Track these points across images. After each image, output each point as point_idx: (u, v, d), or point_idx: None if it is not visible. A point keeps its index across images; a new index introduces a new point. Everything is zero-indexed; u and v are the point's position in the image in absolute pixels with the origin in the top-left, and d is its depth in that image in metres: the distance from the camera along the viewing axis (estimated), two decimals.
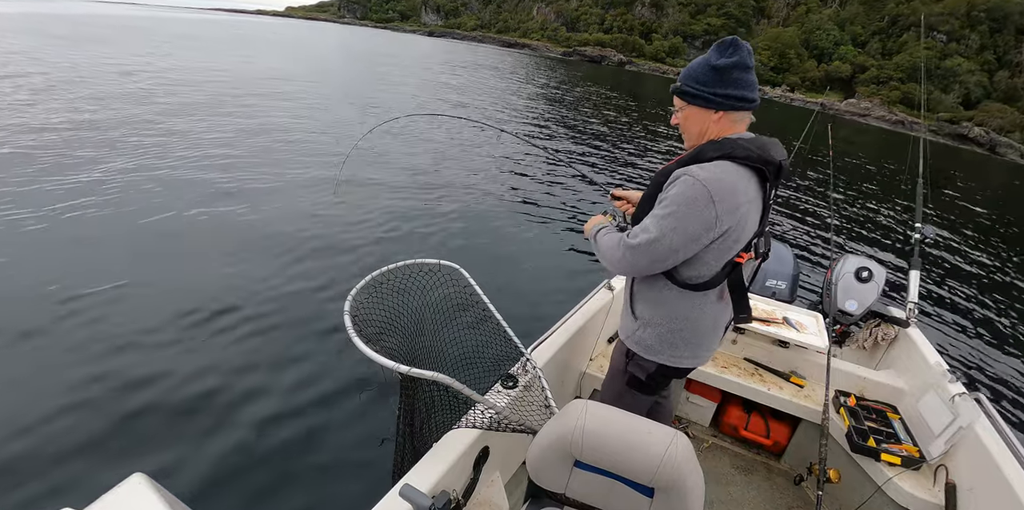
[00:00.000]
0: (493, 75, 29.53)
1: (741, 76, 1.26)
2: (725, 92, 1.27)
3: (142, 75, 14.06)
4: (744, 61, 1.26)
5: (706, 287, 1.37)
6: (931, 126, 49.39)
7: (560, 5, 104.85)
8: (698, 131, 1.36)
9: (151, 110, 9.74)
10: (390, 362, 1.20)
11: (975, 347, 5.30)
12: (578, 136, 13.59)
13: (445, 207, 6.65)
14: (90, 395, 2.83)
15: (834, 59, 71.00)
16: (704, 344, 1.50)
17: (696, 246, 1.26)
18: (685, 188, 1.22)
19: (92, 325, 3.40)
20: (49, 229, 4.59)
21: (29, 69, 12.83)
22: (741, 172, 1.25)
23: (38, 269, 3.95)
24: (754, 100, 1.30)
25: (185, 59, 19.58)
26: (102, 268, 4.07)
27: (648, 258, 1.29)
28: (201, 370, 3.13)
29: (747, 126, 1.37)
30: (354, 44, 48.90)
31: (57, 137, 7.24)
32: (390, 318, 1.53)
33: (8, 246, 4.21)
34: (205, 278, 4.18)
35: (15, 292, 3.65)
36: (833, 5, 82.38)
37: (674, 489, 1.07)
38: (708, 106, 1.31)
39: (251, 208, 5.67)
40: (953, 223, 11.23)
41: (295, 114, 11.27)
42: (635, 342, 1.54)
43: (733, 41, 1.27)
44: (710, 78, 1.28)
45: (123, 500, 1.01)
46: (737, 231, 1.27)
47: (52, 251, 4.25)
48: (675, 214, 1.23)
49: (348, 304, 1.35)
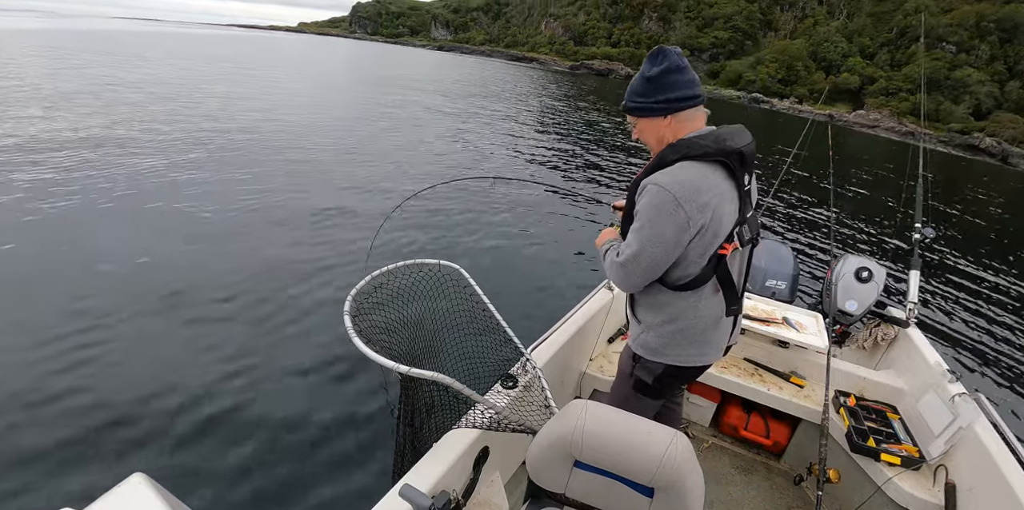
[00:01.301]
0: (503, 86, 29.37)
1: (675, 78, 1.31)
2: (664, 97, 1.32)
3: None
4: (673, 64, 1.30)
5: (696, 284, 1.38)
6: (941, 137, 48.40)
7: (568, 20, 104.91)
8: (655, 139, 1.41)
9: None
10: (390, 362, 1.21)
11: (975, 347, 5.30)
12: (585, 143, 13.60)
13: (446, 206, 6.66)
14: (90, 395, 2.84)
15: (842, 71, 69.90)
16: (710, 341, 1.50)
17: (678, 249, 1.31)
18: (651, 197, 1.27)
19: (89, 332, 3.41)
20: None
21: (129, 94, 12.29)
22: (702, 168, 1.28)
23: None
24: (696, 96, 1.34)
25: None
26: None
27: (639, 271, 1.35)
28: (200, 370, 3.13)
29: (704, 120, 1.39)
30: (363, 60, 47.48)
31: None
32: (390, 318, 1.53)
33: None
34: (204, 279, 4.19)
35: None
36: (841, 17, 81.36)
37: (674, 489, 1.07)
38: (655, 114, 1.36)
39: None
40: (956, 226, 11.23)
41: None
42: (640, 345, 1.55)
43: (659, 49, 1.32)
44: (647, 89, 1.34)
45: (123, 500, 1.01)
46: (713, 226, 1.30)
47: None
48: (648, 224, 1.28)
49: (348, 304, 1.35)
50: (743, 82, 73.89)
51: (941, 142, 48.02)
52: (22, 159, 6.40)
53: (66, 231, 4.65)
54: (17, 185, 5.55)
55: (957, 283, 7.24)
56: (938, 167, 25.38)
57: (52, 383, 2.88)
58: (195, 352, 3.29)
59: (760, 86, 71.22)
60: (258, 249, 4.80)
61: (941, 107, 54.89)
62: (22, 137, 7.37)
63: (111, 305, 3.65)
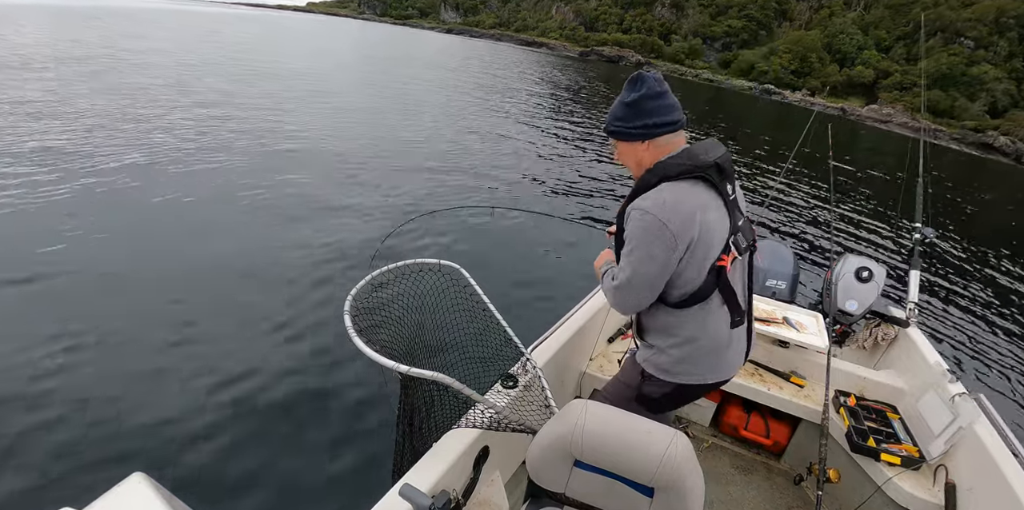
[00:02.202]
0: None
1: (653, 105, 1.34)
2: (643, 123, 1.35)
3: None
4: (651, 91, 1.33)
5: (699, 298, 1.39)
6: (954, 134, 47.42)
7: (579, 4, 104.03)
8: (634, 162, 1.44)
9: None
10: (390, 362, 1.21)
11: (975, 347, 5.30)
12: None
13: (447, 206, 6.66)
14: (89, 394, 2.84)
15: (857, 64, 68.82)
16: (722, 358, 1.49)
17: (669, 267, 1.32)
18: (636, 222, 1.32)
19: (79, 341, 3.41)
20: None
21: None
22: (683, 186, 1.31)
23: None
24: (675, 122, 1.36)
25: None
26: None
27: (634, 294, 1.37)
28: (200, 371, 3.13)
29: (683, 144, 1.40)
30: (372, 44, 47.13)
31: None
32: (390, 318, 1.53)
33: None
34: (204, 276, 4.18)
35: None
36: (857, 9, 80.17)
37: (674, 489, 1.07)
38: (633, 139, 1.39)
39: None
40: (963, 225, 11.22)
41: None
42: (653, 365, 1.52)
43: (637, 76, 1.35)
44: (626, 113, 1.37)
45: (123, 500, 1.01)
46: (704, 241, 1.32)
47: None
48: (637, 248, 1.32)
49: (348, 304, 1.35)
50: (755, 73, 72.39)
51: (954, 140, 47.09)
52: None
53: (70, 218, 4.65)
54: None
55: (958, 283, 7.24)
56: (949, 165, 25.16)
57: (52, 383, 2.88)
58: (194, 352, 3.29)
59: (772, 77, 69.65)
60: (257, 247, 4.80)
61: (956, 104, 53.71)
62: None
63: (111, 304, 3.65)
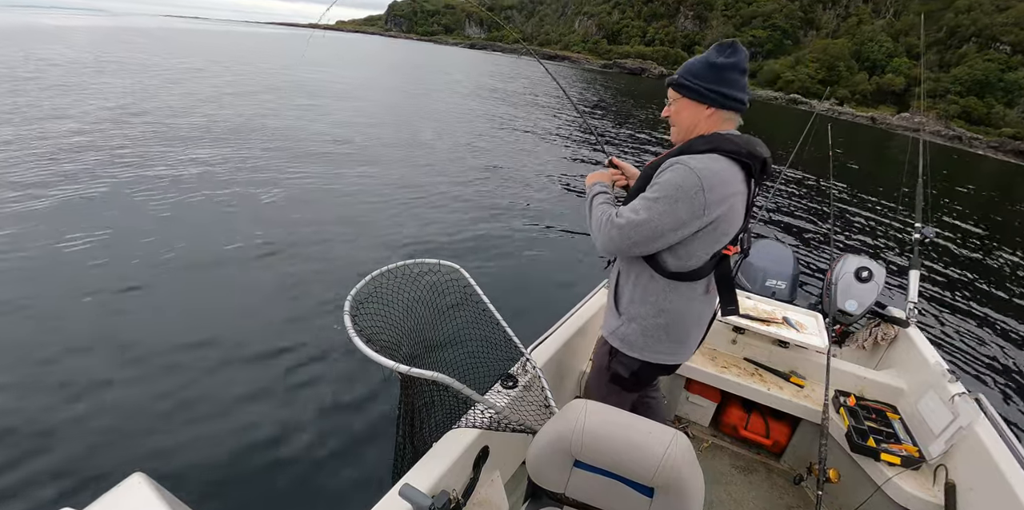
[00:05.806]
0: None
1: (736, 77, 1.31)
2: (719, 90, 1.31)
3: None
4: (741, 63, 1.31)
5: (694, 277, 1.37)
6: (991, 142, 46.06)
7: (602, 18, 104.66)
8: (688, 125, 1.39)
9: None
10: (390, 362, 1.20)
11: (975, 347, 5.29)
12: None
13: (447, 205, 6.66)
14: (89, 395, 2.84)
15: (887, 71, 66.86)
16: (686, 340, 1.50)
17: (680, 233, 1.27)
18: (675, 175, 1.24)
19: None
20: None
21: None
22: (730, 166, 1.28)
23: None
24: (745, 102, 1.35)
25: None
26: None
27: (631, 239, 1.29)
28: (200, 370, 3.13)
29: (735, 127, 1.39)
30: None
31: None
32: (390, 318, 1.53)
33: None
34: (203, 276, 4.18)
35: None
36: (887, 16, 78.92)
37: (674, 489, 1.07)
38: (701, 101, 1.34)
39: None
40: (962, 226, 11.20)
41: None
42: (619, 338, 1.53)
43: (732, 43, 1.31)
44: (707, 74, 1.31)
45: (123, 500, 1.01)
46: (726, 222, 1.30)
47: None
48: (665, 198, 1.24)
49: (348, 304, 1.35)
50: (781, 82, 70.99)
51: (991, 148, 45.85)
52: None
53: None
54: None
55: (959, 283, 7.23)
56: (989, 176, 24.60)
57: (52, 383, 2.89)
58: (194, 352, 3.29)
59: (799, 86, 68.02)
60: (257, 246, 4.80)
61: (993, 111, 51.82)
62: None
63: (111, 304, 3.65)
